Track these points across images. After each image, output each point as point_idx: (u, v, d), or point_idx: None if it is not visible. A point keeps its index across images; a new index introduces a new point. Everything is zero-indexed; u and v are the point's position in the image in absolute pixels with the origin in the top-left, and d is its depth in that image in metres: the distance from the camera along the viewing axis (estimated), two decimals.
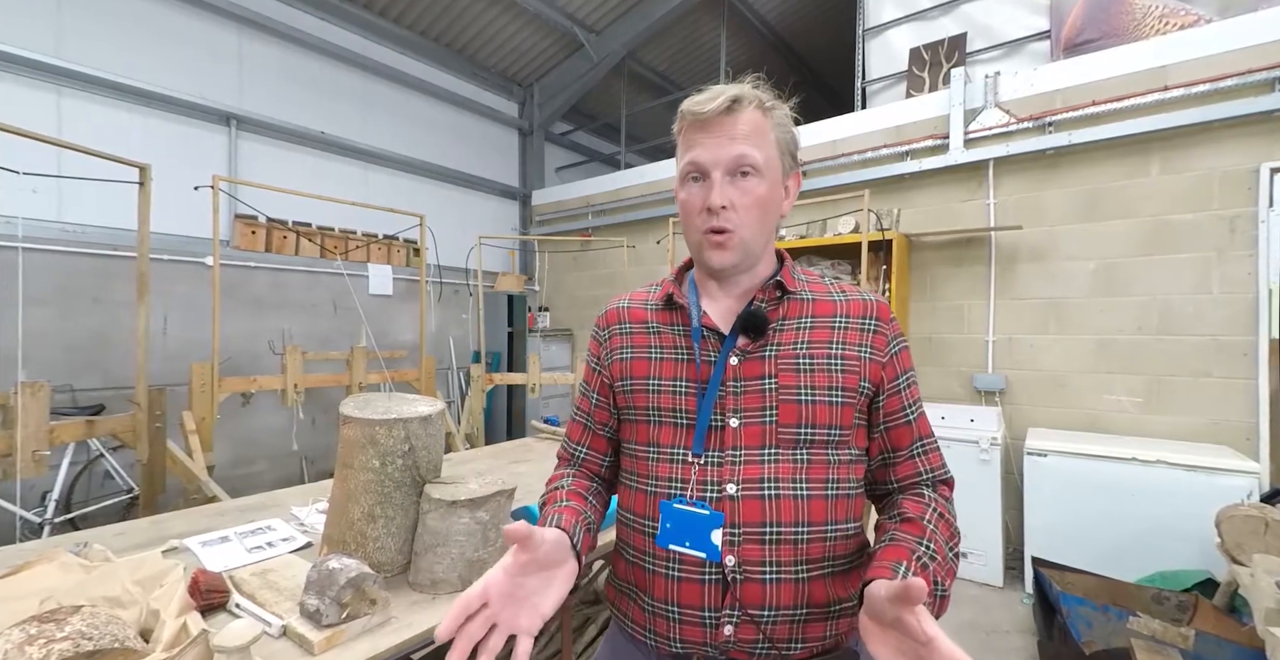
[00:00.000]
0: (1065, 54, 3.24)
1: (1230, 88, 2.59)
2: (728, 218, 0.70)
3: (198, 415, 2.72)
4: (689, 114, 0.72)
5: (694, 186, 0.73)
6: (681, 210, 0.76)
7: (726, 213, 0.70)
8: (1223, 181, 2.62)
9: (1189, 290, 2.68)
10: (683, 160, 0.74)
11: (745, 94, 0.71)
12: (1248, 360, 2.55)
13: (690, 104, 0.72)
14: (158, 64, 3.49)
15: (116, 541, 1.29)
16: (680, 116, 0.74)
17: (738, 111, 0.70)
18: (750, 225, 0.72)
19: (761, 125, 0.71)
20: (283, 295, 3.89)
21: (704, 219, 0.72)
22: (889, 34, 3.99)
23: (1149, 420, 2.76)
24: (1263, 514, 1.79)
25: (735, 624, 0.68)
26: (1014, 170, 3.13)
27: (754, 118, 0.71)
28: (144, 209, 2.33)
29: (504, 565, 0.61)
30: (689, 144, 0.73)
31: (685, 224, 0.76)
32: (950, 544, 0.66)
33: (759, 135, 0.71)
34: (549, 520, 0.72)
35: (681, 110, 0.73)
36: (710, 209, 0.70)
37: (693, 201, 0.73)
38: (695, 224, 0.74)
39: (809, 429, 0.70)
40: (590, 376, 0.88)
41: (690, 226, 0.75)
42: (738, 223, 0.71)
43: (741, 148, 0.70)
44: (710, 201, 0.70)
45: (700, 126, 0.72)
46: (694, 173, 0.73)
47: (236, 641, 0.77)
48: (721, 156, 0.70)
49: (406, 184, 4.91)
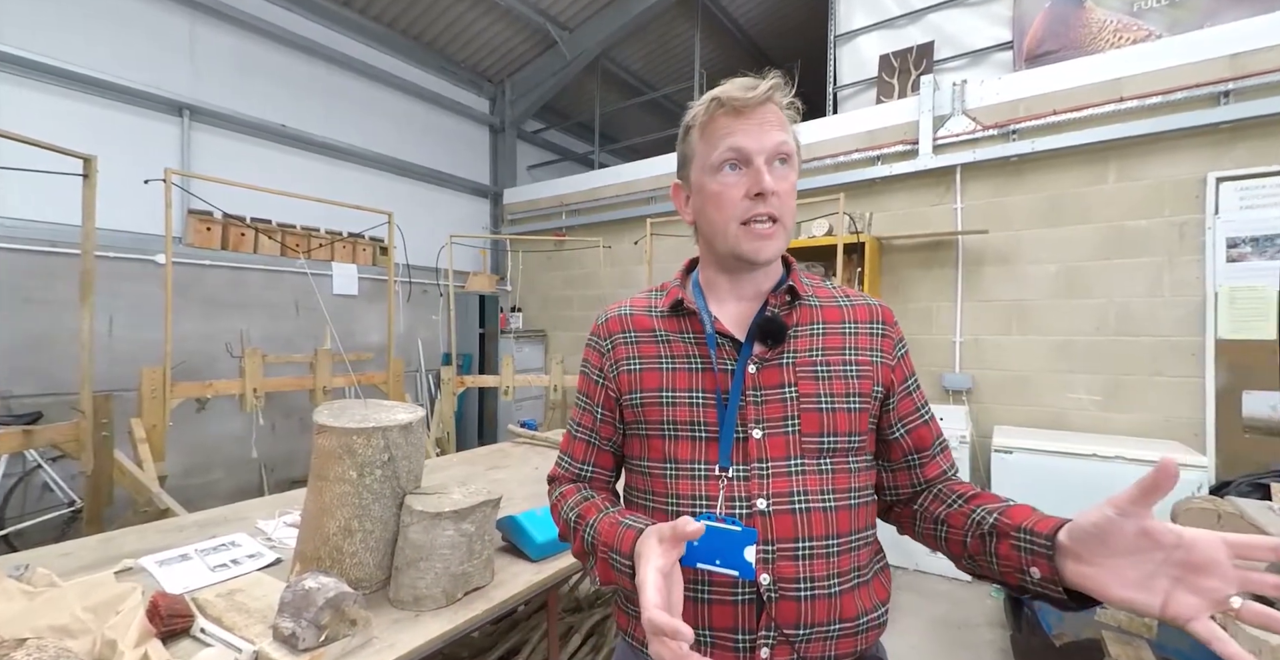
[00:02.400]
0: (1027, 64, 3.36)
1: (1180, 100, 2.73)
2: (774, 205, 0.68)
3: (148, 422, 2.57)
4: (728, 100, 0.69)
5: (731, 174, 0.70)
6: (714, 201, 0.71)
7: (774, 198, 0.68)
8: (1173, 189, 2.75)
9: (1143, 293, 2.81)
10: (718, 148, 0.70)
11: (780, 85, 0.70)
12: (1195, 360, 2.69)
13: (727, 90, 0.69)
14: (103, 50, 3.28)
15: (62, 563, 1.19)
16: (708, 106, 0.71)
17: (773, 101, 0.70)
18: (791, 213, 0.71)
19: (785, 119, 0.71)
20: (240, 295, 3.71)
21: (747, 206, 0.69)
22: (859, 40, 4.07)
23: (1107, 417, 2.88)
24: (1215, 506, 1.87)
25: (771, 646, 0.66)
26: (980, 176, 3.23)
27: (781, 113, 0.71)
28: (89, 203, 2.18)
29: (659, 568, 0.57)
30: (725, 130, 0.70)
31: (717, 215, 0.72)
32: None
33: (787, 127, 0.71)
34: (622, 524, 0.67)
35: (716, 98, 0.70)
36: (762, 193, 0.68)
37: (731, 190, 0.69)
38: (734, 213, 0.70)
39: (831, 437, 0.69)
40: (592, 389, 0.82)
41: (726, 217, 0.71)
42: (782, 210, 0.69)
43: (782, 135, 0.69)
44: (764, 185, 0.67)
45: (738, 113, 0.69)
46: (733, 159, 0.69)
47: None
48: (766, 143, 0.68)
49: (372, 180, 4.75)
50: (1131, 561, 0.50)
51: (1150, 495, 0.47)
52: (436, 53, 5.15)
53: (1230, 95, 2.63)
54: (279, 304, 3.91)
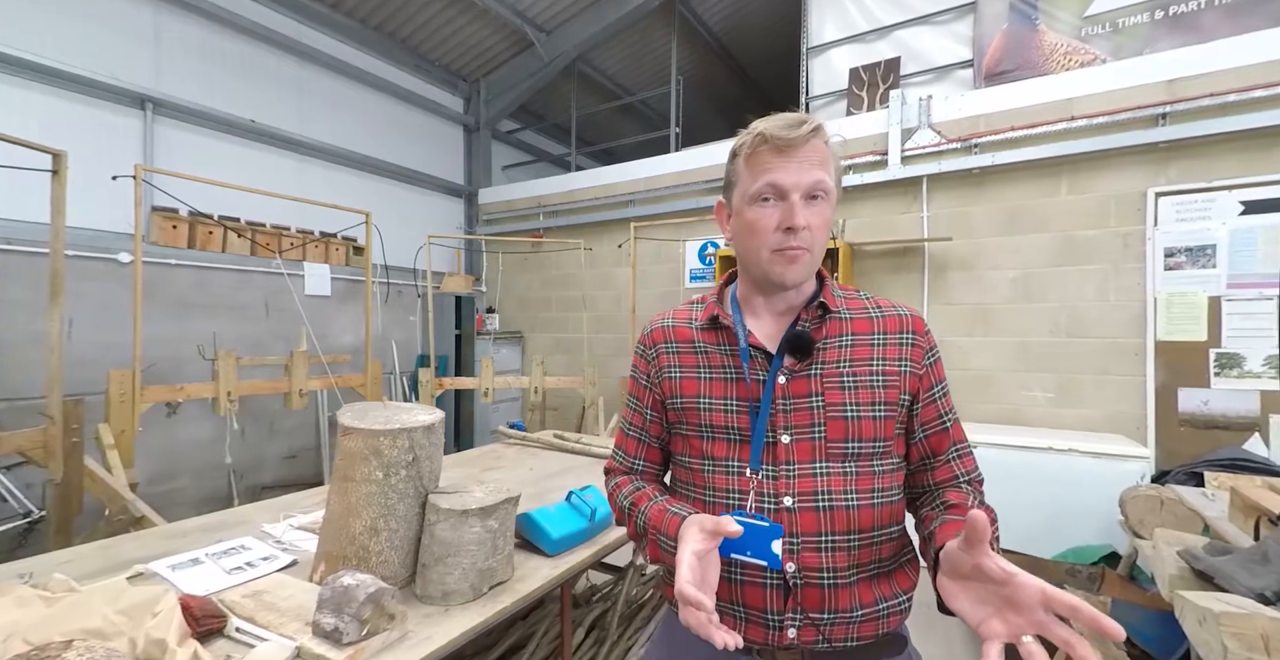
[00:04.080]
0: (987, 82, 3.57)
1: (1124, 121, 2.96)
2: (804, 238, 0.75)
3: (116, 428, 2.47)
4: (772, 137, 0.74)
5: (766, 206, 0.76)
6: (749, 229, 0.78)
7: (804, 233, 0.75)
8: (1118, 203, 2.99)
9: (1092, 298, 3.03)
10: (757, 181, 0.76)
11: (822, 125, 0.76)
12: (1138, 360, 2.92)
13: (773, 127, 0.74)
14: (61, 38, 3.13)
15: (64, 570, 1.16)
16: (754, 141, 0.76)
17: (815, 139, 0.75)
18: (820, 245, 0.77)
19: (827, 156, 0.76)
20: (208, 295, 3.59)
21: (780, 238, 0.75)
22: (830, 53, 4.23)
23: (1060, 413, 3.10)
24: (1159, 494, 2.06)
25: (798, 627, 0.74)
26: (945, 186, 3.42)
27: (824, 148, 0.76)
28: (59, 200, 2.10)
29: (695, 551, 0.65)
30: (764, 166, 0.75)
31: (750, 241, 0.78)
32: (992, 524, 0.73)
33: (828, 163, 0.76)
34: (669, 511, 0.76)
35: (759, 132, 0.75)
36: (793, 228, 0.74)
37: (765, 221, 0.76)
38: (766, 242, 0.76)
39: (855, 443, 0.76)
40: (640, 392, 0.90)
41: (758, 244, 0.77)
42: (811, 242, 0.76)
43: (820, 174, 0.74)
44: (795, 222, 0.74)
45: (780, 150, 0.74)
46: (769, 193, 0.75)
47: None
48: (803, 181, 0.74)
49: (343, 178, 4.65)
50: (973, 585, 0.59)
51: (972, 545, 0.56)
52: (410, 50, 5.08)
53: (1167, 118, 2.88)
54: (248, 305, 3.79)
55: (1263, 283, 2.69)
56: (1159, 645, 1.80)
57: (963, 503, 0.75)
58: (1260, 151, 2.70)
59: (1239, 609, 1.06)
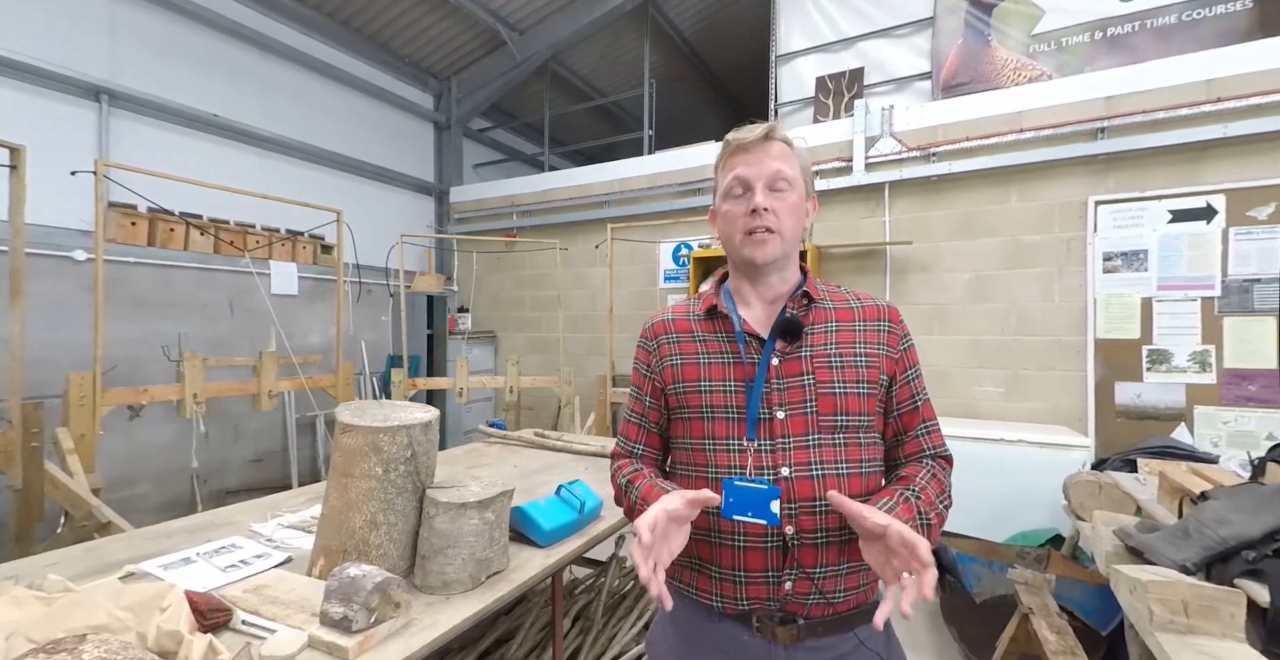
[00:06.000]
0: (944, 94, 3.77)
1: (1067, 133, 3.18)
2: (769, 218, 0.85)
3: (76, 432, 2.39)
4: (733, 142, 0.88)
5: (738, 200, 0.88)
6: (723, 221, 0.91)
7: (768, 214, 0.85)
8: (1061, 210, 3.21)
9: (1038, 299, 3.25)
10: (726, 179, 0.89)
11: (777, 127, 0.89)
12: (1079, 356, 3.15)
13: (734, 135, 0.88)
14: (6, 23, 2.98)
15: (49, 572, 1.15)
16: (724, 148, 0.90)
17: (772, 140, 0.87)
18: (788, 228, 0.87)
19: (788, 153, 0.88)
20: (169, 295, 3.48)
21: (746, 221, 0.86)
22: (798, 62, 4.38)
23: (1009, 407, 3.30)
24: (1097, 479, 2.24)
25: (794, 580, 0.82)
26: (906, 193, 3.60)
27: (784, 147, 0.88)
28: (19, 195, 2.02)
29: (667, 509, 0.75)
30: (732, 166, 0.89)
31: (727, 229, 0.90)
32: (939, 495, 0.84)
33: (789, 159, 0.88)
34: (658, 486, 0.87)
35: (726, 141, 0.90)
36: (755, 210, 0.85)
37: (736, 210, 0.88)
38: (738, 227, 0.88)
39: (844, 417, 0.85)
40: (642, 382, 0.98)
41: (732, 231, 0.89)
42: (778, 225, 0.86)
43: (777, 165, 0.86)
44: (755, 203, 0.85)
45: (742, 151, 0.88)
46: (737, 187, 0.88)
47: (287, 650, 0.77)
48: (763, 171, 0.86)
49: (310, 175, 4.56)
50: (873, 542, 0.75)
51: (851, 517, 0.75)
52: (379, 46, 5.01)
53: (1105, 132, 3.10)
54: (212, 304, 3.69)
55: (1187, 285, 2.94)
56: (1098, 617, 1.97)
57: (912, 476, 0.86)
58: (1186, 165, 2.95)
59: (1164, 578, 1.20)
